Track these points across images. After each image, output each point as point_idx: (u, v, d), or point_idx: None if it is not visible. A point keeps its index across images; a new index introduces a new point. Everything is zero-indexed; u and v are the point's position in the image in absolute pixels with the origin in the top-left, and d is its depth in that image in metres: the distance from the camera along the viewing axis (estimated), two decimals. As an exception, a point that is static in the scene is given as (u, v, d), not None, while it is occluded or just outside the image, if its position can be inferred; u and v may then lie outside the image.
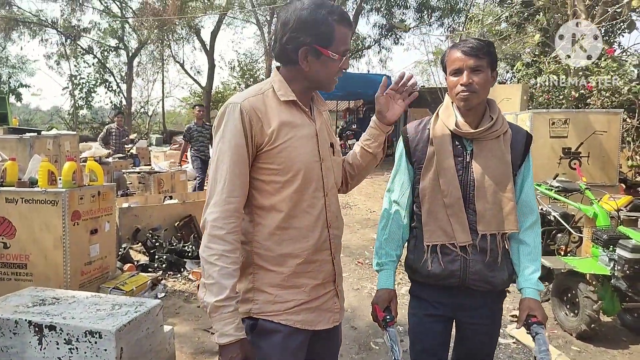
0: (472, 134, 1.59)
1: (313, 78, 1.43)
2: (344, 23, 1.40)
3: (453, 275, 1.60)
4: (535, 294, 1.61)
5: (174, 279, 4.47)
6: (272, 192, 1.40)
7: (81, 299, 2.47)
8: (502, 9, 13.43)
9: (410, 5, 21.67)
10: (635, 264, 3.02)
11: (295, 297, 1.41)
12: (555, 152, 5.33)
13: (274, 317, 1.40)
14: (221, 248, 1.31)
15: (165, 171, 7.25)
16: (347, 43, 1.42)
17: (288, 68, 1.44)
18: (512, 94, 8.24)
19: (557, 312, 3.59)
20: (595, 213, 3.68)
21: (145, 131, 24.18)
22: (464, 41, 1.58)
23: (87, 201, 3.62)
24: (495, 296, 1.68)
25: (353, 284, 4.44)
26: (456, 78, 1.57)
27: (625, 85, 7.17)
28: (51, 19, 23.57)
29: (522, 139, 1.65)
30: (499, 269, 1.61)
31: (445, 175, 1.58)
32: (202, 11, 20.17)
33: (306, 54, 1.38)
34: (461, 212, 1.58)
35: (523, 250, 1.64)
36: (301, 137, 1.41)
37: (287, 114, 1.41)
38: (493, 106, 1.64)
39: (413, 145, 1.67)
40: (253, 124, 1.35)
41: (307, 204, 1.42)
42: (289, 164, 1.38)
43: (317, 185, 1.44)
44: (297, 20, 1.36)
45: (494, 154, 1.58)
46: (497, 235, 1.59)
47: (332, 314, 1.50)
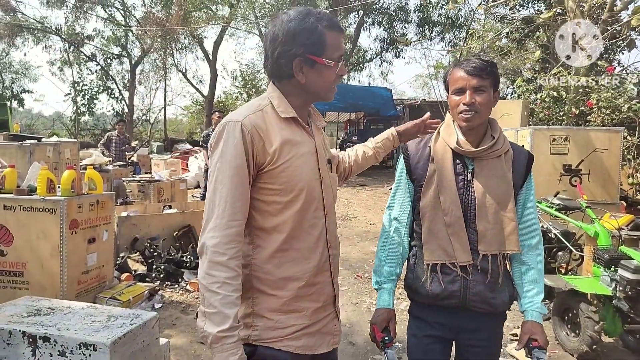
0: (473, 153, 1.57)
1: (311, 89, 1.39)
2: (334, 28, 1.36)
3: (453, 295, 1.57)
4: (538, 317, 1.58)
5: (172, 289, 4.43)
6: (273, 213, 1.34)
7: (77, 310, 2.44)
8: (503, 25, 13.55)
9: (411, 20, 21.88)
10: (637, 285, 2.99)
11: (296, 321, 1.36)
12: (556, 169, 5.33)
13: (274, 344, 1.34)
14: (223, 275, 1.24)
15: (165, 180, 7.23)
16: (340, 48, 1.38)
17: (284, 82, 1.40)
18: (512, 110, 8.26)
19: (557, 332, 3.55)
20: (597, 232, 3.66)
21: (146, 139, 24.20)
22: (467, 60, 1.57)
23: (86, 210, 3.60)
24: (496, 318, 1.66)
25: (352, 298, 4.40)
26: (459, 97, 1.56)
27: (625, 103, 7.20)
28: (55, 26, 23.78)
29: (524, 159, 1.64)
30: (500, 290, 1.59)
31: (446, 194, 1.57)
32: (206, 21, 20.31)
33: (301, 65, 1.34)
34: (462, 231, 1.56)
35: (526, 272, 1.62)
36: (302, 154, 1.36)
37: (288, 131, 1.36)
38: (494, 125, 1.63)
39: (414, 162, 1.66)
40: (255, 143, 1.29)
41: (309, 224, 1.38)
42: (291, 183, 1.33)
43: (318, 204, 1.40)
44: (286, 32, 1.33)
45: (495, 173, 1.57)
46: (498, 256, 1.57)
47: (332, 337, 1.47)
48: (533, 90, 10.64)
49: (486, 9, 8.94)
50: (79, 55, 24.63)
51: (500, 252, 1.57)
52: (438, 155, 1.61)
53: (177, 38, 21.34)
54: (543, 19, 9.78)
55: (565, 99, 8.53)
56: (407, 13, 21.71)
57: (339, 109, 18.59)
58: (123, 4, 24.08)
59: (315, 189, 1.39)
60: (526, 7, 13.99)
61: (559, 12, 10.45)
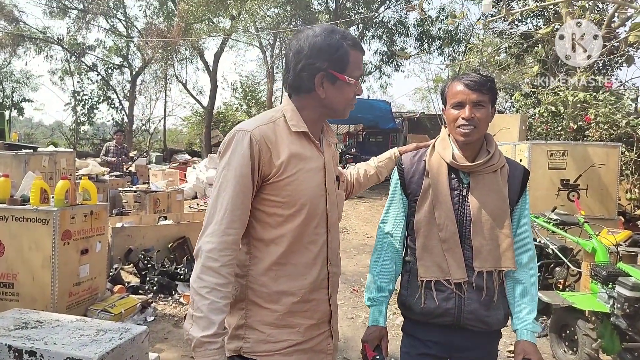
0: (469, 167, 1.56)
1: (329, 104, 1.40)
2: (357, 48, 1.39)
3: (447, 313, 1.54)
4: (531, 336, 1.55)
5: (165, 302, 4.37)
6: (273, 225, 1.34)
7: (65, 323, 2.39)
8: (502, 40, 13.66)
9: (411, 34, 22.05)
10: (636, 302, 2.95)
11: (289, 337, 1.35)
12: (554, 184, 5.31)
13: (265, 358, 1.34)
14: (214, 281, 1.24)
15: (161, 190, 7.19)
16: (361, 68, 1.41)
17: (301, 96, 1.40)
18: (510, 124, 8.28)
19: (555, 349, 3.50)
20: (594, 248, 3.63)
21: (145, 149, 24.21)
22: (467, 75, 1.56)
23: (79, 220, 3.57)
24: (491, 337, 1.63)
25: (347, 313, 4.35)
26: (457, 111, 1.55)
27: (623, 118, 7.22)
28: (57, 36, 23.91)
29: (520, 175, 1.62)
30: (495, 308, 1.56)
31: (441, 209, 1.55)
32: (207, 33, 20.45)
33: (322, 80, 1.36)
34: (457, 247, 1.53)
35: (518, 289, 1.60)
36: (309, 170, 1.36)
37: (298, 145, 1.36)
38: (490, 140, 1.62)
39: (408, 177, 1.64)
40: (262, 154, 1.30)
41: (308, 240, 1.37)
42: (295, 197, 1.33)
43: (320, 221, 1.39)
44: (311, 47, 1.34)
45: (491, 188, 1.55)
46: (493, 273, 1.55)
47: (325, 356, 1.44)
48: (531, 104, 10.68)
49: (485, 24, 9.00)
50: (80, 65, 24.76)
51: (495, 268, 1.54)
52: (433, 169, 1.59)
53: (178, 49, 21.46)
54: (541, 34, 9.86)
55: (563, 114, 8.56)
56: (406, 27, 21.89)
57: (338, 122, 18.64)
58: (125, 15, 24.31)
59: (319, 205, 1.38)
60: (525, 23, 14.12)
61: (557, 28, 10.54)
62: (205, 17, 19.35)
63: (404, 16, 21.33)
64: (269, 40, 21.54)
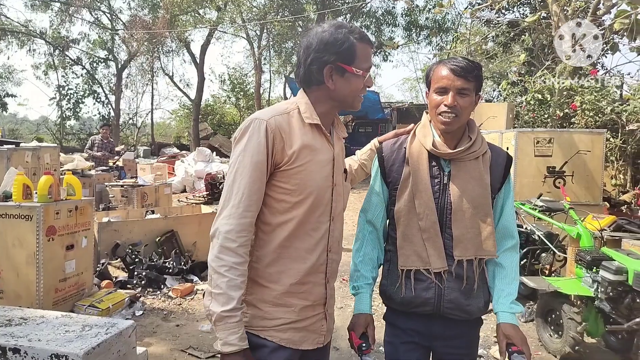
0: (450, 154, 1.52)
1: (338, 96, 1.45)
2: (365, 41, 1.44)
3: (427, 303, 1.53)
4: (512, 318, 1.54)
5: (154, 296, 4.35)
6: (280, 211, 1.41)
7: (50, 320, 2.37)
8: (489, 28, 13.68)
9: (399, 24, 22.02)
10: (618, 285, 3.00)
11: (284, 315, 1.43)
12: (540, 171, 5.36)
13: (260, 332, 1.42)
14: (232, 260, 1.33)
15: (149, 184, 7.13)
16: (369, 60, 1.46)
17: (313, 89, 1.47)
18: (498, 112, 8.32)
19: (541, 334, 3.55)
20: (579, 233, 3.67)
21: (133, 143, 23.97)
22: (454, 59, 1.51)
23: (64, 216, 3.53)
24: (472, 324, 1.62)
25: (337, 302, 4.36)
26: (440, 97, 1.51)
27: (608, 105, 7.29)
28: (40, 29, 23.46)
29: (502, 161, 1.59)
30: (475, 297, 1.55)
31: (421, 197, 1.52)
32: (192, 25, 20.21)
33: (331, 72, 1.42)
34: (437, 236, 1.51)
35: (499, 273, 1.59)
36: (319, 161, 1.43)
37: (310, 136, 1.43)
38: (472, 126, 1.59)
39: (388, 164, 1.61)
40: (276, 143, 1.37)
41: (311, 227, 1.44)
42: (303, 186, 1.40)
43: (324, 210, 1.45)
44: (319, 41, 1.42)
45: (473, 175, 1.52)
46: (474, 261, 1.53)
47: (318, 336, 1.50)
48: (519, 93, 10.74)
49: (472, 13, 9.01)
50: (64, 59, 24.36)
51: (476, 257, 1.52)
52: (413, 157, 1.55)
53: (164, 41, 21.19)
54: (528, 22, 9.88)
55: (550, 102, 8.62)
56: (394, 17, 21.85)
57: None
58: (110, 7, 23.90)
59: (325, 195, 1.45)
60: (512, 11, 14.15)
61: (543, 16, 10.58)
62: (191, 8, 19.11)
63: (391, 6, 21.27)
64: (256, 32, 21.37)
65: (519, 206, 4.52)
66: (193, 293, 4.47)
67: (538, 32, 11.89)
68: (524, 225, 4.42)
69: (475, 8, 8.48)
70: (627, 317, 3.04)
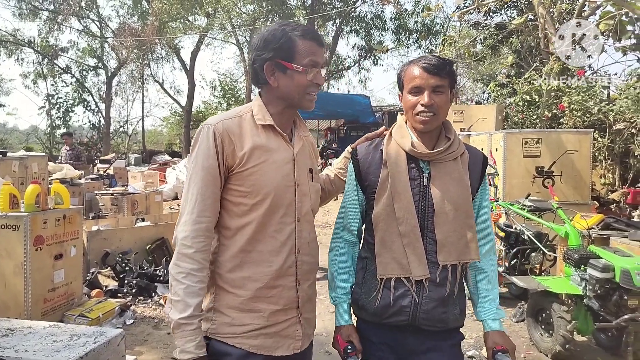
0: (429, 155, 1.47)
1: (284, 94, 1.44)
2: (308, 37, 1.42)
3: (402, 312, 1.45)
4: (497, 324, 1.51)
5: (144, 304, 4.32)
6: (239, 214, 1.40)
7: (37, 330, 2.34)
8: (477, 31, 13.82)
9: (388, 28, 22.15)
10: (606, 283, 3.03)
11: (252, 321, 1.40)
12: (529, 171, 5.40)
13: (228, 340, 1.40)
14: (189, 267, 1.33)
15: (139, 192, 7.09)
16: (314, 56, 1.42)
17: (264, 90, 1.48)
18: (487, 114, 8.39)
19: (532, 333, 3.57)
20: (567, 232, 3.70)
21: (124, 151, 23.83)
22: (425, 57, 1.47)
23: (52, 225, 3.50)
24: (449, 337, 1.52)
25: (329, 307, 4.35)
26: (416, 97, 1.45)
27: (595, 105, 7.37)
28: (28, 38, 23.30)
29: (479, 161, 1.55)
30: (452, 304, 1.48)
31: (401, 201, 1.45)
32: (182, 31, 20.20)
33: (272, 70, 1.42)
34: (418, 241, 1.44)
35: (482, 278, 1.55)
36: (274, 161, 1.41)
37: (263, 137, 1.42)
38: (448, 126, 1.54)
39: (364, 167, 1.54)
40: (225, 146, 1.38)
41: (274, 229, 1.41)
42: (258, 187, 1.39)
43: (287, 211, 1.43)
44: (260, 39, 1.44)
45: (453, 176, 1.47)
46: (457, 266, 1.47)
47: (293, 341, 1.46)
48: (507, 94, 10.84)
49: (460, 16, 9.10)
50: (53, 68, 24.19)
51: (460, 261, 1.46)
52: (391, 159, 1.49)
53: (154, 48, 21.15)
54: (515, 24, 9.98)
55: (538, 103, 8.70)
56: (383, 21, 21.99)
57: (318, 117, 18.65)
58: (98, 15, 23.82)
59: (285, 196, 1.43)
60: (499, 14, 14.30)
61: (530, 18, 10.69)
62: (180, 15, 19.10)
63: (380, 10, 21.40)
64: (246, 37, 21.40)
65: (507, 206, 4.55)
66: (184, 300, 4.44)
67: (525, 34, 12.02)
68: (514, 226, 4.44)
69: (463, 11, 8.56)
70: (615, 315, 3.06)
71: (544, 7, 9.35)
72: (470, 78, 21.16)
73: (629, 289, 2.96)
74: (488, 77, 16.61)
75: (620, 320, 2.99)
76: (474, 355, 3.41)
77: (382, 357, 1.51)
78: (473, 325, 3.29)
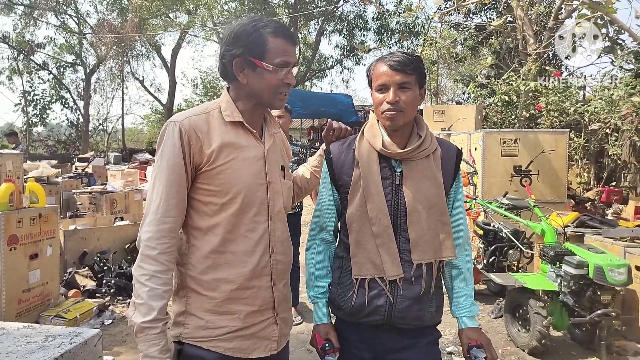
0: (400, 154, 1.46)
1: (253, 92, 1.40)
2: (280, 35, 1.38)
3: (377, 311, 1.45)
4: (471, 321, 1.52)
5: (123, 304, 4.26)
6: (209, 214, 1.36)
7: (11, 331, 2.28)
8: (458, 32, 13.98)
9: (370, 28, 22.25)
10: (580, 279, 3.11)
11: (228, 323, 1.37)
12: (507, 170, 5.49)
13: (203, 343, 1.36)
14: (152, 269, 1.28)
15: (118, 191, 6.98)
16: (284, 55, 1.38)
17: (233, 86, 1.44)
18: (467, 114, 8.49)
19: (509, 329, 3.63)
20: (543, 230, 3.78)
21: (103, 149, 23.40)
22: (391, 54, 1.46)
23: (27, 224, 3.42)
24: (425, 334, 1.52)
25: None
26: (382, 95, 1.45)
27: (571, 106, 7.53)
28: (2, 33, 22.68)
29: (453, 155, 1.54)
30: (428, 301, 1.48)
31: (373, 201, 1.44)
32: (162, 28, 19.95)
33: (242, 66, 1.38)
34: (391, 241, 1.44)
35: (457, 276, 1.56)
36: (244, 159, 1.38)
37: (232, 134, 1.38)
38: (420, 123, 1.53)
39: (338, 166, 1.53)
40: (192, 144, 1.33)
41: (247, 228, 1.38)
42: (228, 186, 1.35)
43: (259, 210, 1.40)
44: (230, 34, 1.39)
45: (425, 174, 1.46)
46: (433, 264, 1.46)
47: (270, 342, 1.44)
48: (487, 95, 11.00)
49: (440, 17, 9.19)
50: (30, 64, 23.60)
51: (435, 259, 1.46)
52: (363, 159, 1.48)
53: (134, 45, 20.82)
54: (494, 26, 10.12)
55: (516, 103, 8.85)
56: (365, 21, 22.08)
57: (301, 116, 18.64)
58: (76, 10, 23.33)
59: (257, 194, 1.39)
60: (479, 15, 14.49)
61: (509, 20, 10.87)
62: (161, 12, 18.86)
63: (362, 10, 21.49)
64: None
65: (486, 205, 4.63)
66: (164, 300, 4.39)
67: (504, 36, 12.21)
68: (492, 223, 4.51)
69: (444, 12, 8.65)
70: (589, 310, 3.14)
71: (522, 10, 9.52)
72: (451, 78, 21.41)
73: (602, 285, 3.05)
74: (468, 78, 16.84)
75: (594, 315, 3.08)
76: (453, 352, 3.46)
77: (359, 355, 1.52)
78: (452, 321, 3.32)
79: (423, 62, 1.51)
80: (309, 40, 24.60)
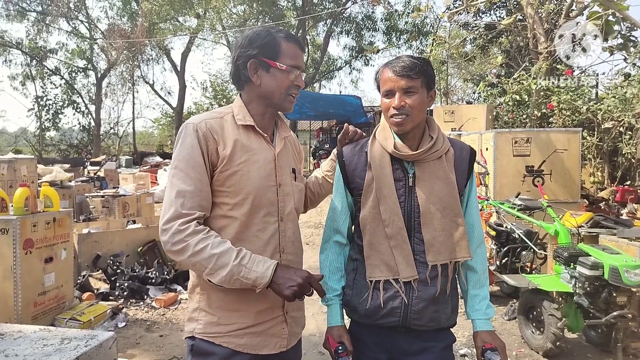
0: (412, 156, 1.46)
1: (266, 93, 1.45)
2: (291, 40, 1.46)
3: (393, 313, 1.45)
4: (486, 324, 1.51)
5: (136, 307, 4.30)
6: (222, 214, 1.41)
7: (28, 334, 2.32)
8: (467, 32, 13.90)
9: (379, 28, 22.21)
10: (595, 280, 3.07)
11: (238, 320, 1.41)
12: (519, 171, 5.44)
13: (214, 339, 1.40)
14: (197, 237, 1.31)
15: (130, 194, 7.05)
16: (296, 59, 1.46)
17: (245, 90, 1.49)
18: (477, 114, 8.44)
19: (523, 331, 3.60)
20: (557, 230, 3.74)
21: (114, 153, 23.62)
22: (397, 59, 1.46)
23: (42, 228, 3.47)
24: (440, 337, 1.51)
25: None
26: (389, 100, 1.46)
27: (584, 104, 7.45)
28: (16, 40, 23.03)
29: (466, 155, 1.53)
30: (444, 302, 1.47)
31: (386, 203, 1.45)
32: (172, 32, 20.11)
33: (256, 67, 1.44)
34: (404, 242, 1.44)
35: (471, 277, 1.55)
36: (255, 161, 1.42)
37: (244, 137, 1.43)
38: (432, 125, 1.53)
39: (350, 170, 1.54)
40: (209, 144, 1.38)
41: (257, 228, 1.42)
42: (239, 187, 1.39)
43: (269, 210, 1.44)
44: (245, 39, 1.46)
45: (438, 176, 1.46)
46: (449, 265, 1.46)
47: (280, 340, 1.48)
48: (497, 94, 10.92)
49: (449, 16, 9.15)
50: (42, 69, 23.93)
51: (451, 260, 1.45)
52: (375, 161, 1.48)
53: (144, 50, 21.01)
54: (504, 25, 10.04)
55: (527, 102, 8.77)
56: (374, 22, 22.04)
57: (310, 118, 18.67)
58: (87, 16, 23.61)
59: (267, 196, 1.43)
60: (488, 14, 14.40)
61: (519, 18, 10.78)
62: (170, 16, 19.01)
63: (371, 11, 21.46)
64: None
65: (498, 205, 4.59)
66: (177, 303, 4.43)
67: (514, 34, 12.12)
68: (504, 224, 4.48)
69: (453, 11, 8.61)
70: (605, 311, 3.10)
71: (532, 8, 9.44)
72: (461, 78, 21.28)
73: (617, 286, 3.00)
74: (478, 77, 16.72)
75: (610, 317, 3.03)
76: (466, 354, 3.43)
77: (373, 357, 1.52)
78: (465, 323, 3.31)
79: (431, 64, 1.51)
80: (317, 41, 24.64)
